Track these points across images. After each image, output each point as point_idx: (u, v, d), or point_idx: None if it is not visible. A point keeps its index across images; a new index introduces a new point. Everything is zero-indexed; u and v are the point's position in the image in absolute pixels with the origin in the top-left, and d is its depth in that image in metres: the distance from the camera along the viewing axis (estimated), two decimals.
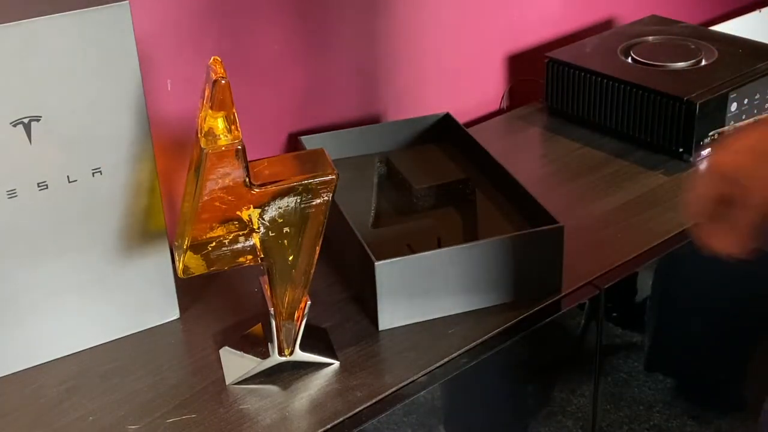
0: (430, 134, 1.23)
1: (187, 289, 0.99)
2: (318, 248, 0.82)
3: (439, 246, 0.98)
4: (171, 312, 0.98)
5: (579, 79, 1.33)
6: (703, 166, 0.68)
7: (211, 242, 0.79)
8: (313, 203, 0.78)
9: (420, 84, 1.38)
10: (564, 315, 0.99)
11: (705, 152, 1.25)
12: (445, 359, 0.91)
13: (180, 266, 0.80)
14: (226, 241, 0.79)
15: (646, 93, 1.26)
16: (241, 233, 0.79)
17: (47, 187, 0.85)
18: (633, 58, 1.35)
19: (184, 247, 0.79)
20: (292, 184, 0.77)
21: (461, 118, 1.28)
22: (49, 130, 0.83)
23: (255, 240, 0.80)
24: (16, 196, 0.84)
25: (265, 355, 0.89)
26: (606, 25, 1.59)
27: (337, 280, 1.03)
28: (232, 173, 0.74)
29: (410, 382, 0.88)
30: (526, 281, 0.97)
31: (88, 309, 0.93)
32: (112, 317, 0.94)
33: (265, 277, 0.85)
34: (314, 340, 0.91)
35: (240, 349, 0.92)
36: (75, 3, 0.81)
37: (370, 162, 1.19)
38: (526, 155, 1.34)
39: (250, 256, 0.81)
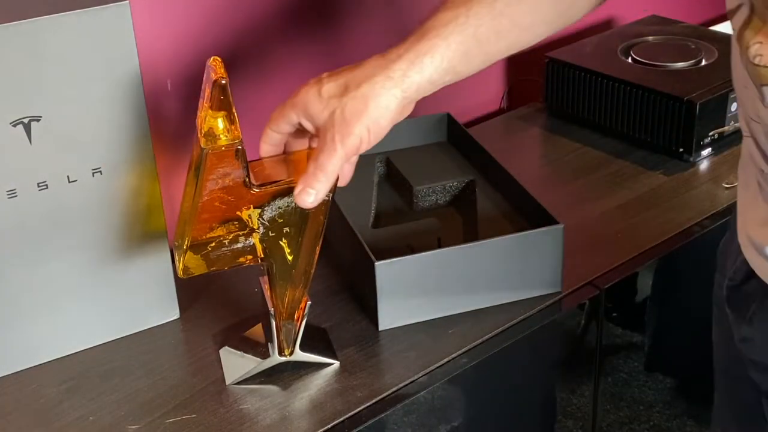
0: (430, 134, 1.23)
1: (187, 289, 0.99)
2: (318, 248, 0.82)
3: (439, 246, 0.98)
4: (171, 312, 0.98)
5: (579, 79, 1.33)
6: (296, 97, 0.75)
7: (211, 242, 0.78)
8: None
9: None
10: (564, 315, 0.99)
11: (705, 152, 1.25)
12: (445, 359, 0.91)
13: (180, 266, 0.80)
14: (226, 241, 0.79)
15: (646, 93, 1.26)
16: (241, 233, 0.79)
17: (47, 187, 0.85)
18: (633, 58, 1.35)
19: (184, 247, 0.78)
20: (292, 184, 0.77)
21: (461, 118, 1.28)
22: (49, 130, 0.83)
23: (255, 240, 0.80)
24: (16, 196, 0.84)
25: (265, 355, 0.89)
26: (606, 25, 1.59)
27: (337, 280, 1.03)
28: (232, 173, 0.74)
29: (410, 382, 0.88)
30: (526, 281, 0.97)
31: (88, 309, 0.92)
32: (112, 317, 0.94)
33: (265, 277, 0.85)
34: (314, 340, 0.91)
35: (240, 349, 0.92)
36: (75, 3, 0.81)
37: (370, 162, 1.19)
38: (526, 155, 1.34)
39: (250, 256, 0.81)
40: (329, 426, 0.83)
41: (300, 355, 0.89)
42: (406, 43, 0.74)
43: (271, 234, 0.79)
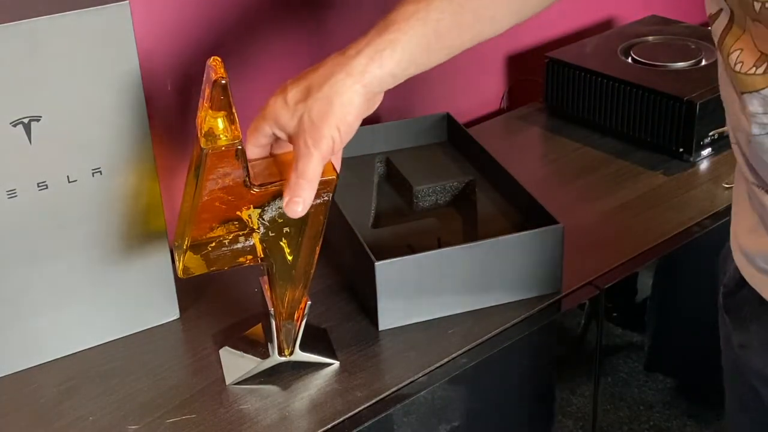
0: (430, 134, 1.23)
1: (187, 289, 0.99)
2: (318, 248, 0.82)
3: (439, 246, 0.98)
4: (171, 312, 0.98)
5: (579, 79, 1.33)
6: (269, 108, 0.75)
7: (211, 242, 0.78)
8: (313, 203, 0.78)
9: (420, 84, 1.38)
10: (564, 315, 0.99)
11: (705, 152, 1.25)
12: (445, 359, 0.91)
13: (180, 266, 0.80)
14: (226, 241, 0.79)
15: (646, 93, 1.26)
16: (241, 233, 0.79)
17: (47, 187, 0.85)
18: (633, 58, 1.35)
19: (184, 247, 0.78)
20: None
21: (461, 118, 1.28)
22: (49, 130, 0.83)
23: (255, 240, 0.79)
24: (16, 196, 0.84)
25: (264, 355, 0.89)
26: (606, 25, 1.59)
27: (337, 280, 1.03)
28: (231, 173, 0.74)
29: (410, 382, 0.88)
30: (526, 281, 0.97)
31: (88, 309, 0.92)
32: (112, 317, 0.94)
33: (265, 278, 0.85)
34: (314, 340, 0.91)
35: (240, 350, 0.92)
36: (75, 3, 0.81)
37: (370, 162, 1.19)
38: (526, 155, 1.34)
39: (250, 256, 0.81)
40: (329, 426, 0.83)
41: (300, 356, 0.89)
42: (366, 37, 0.73)
43: (271, 234, 0.79)
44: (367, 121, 1.36)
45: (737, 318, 0.79)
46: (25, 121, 0.82)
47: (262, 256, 0.81)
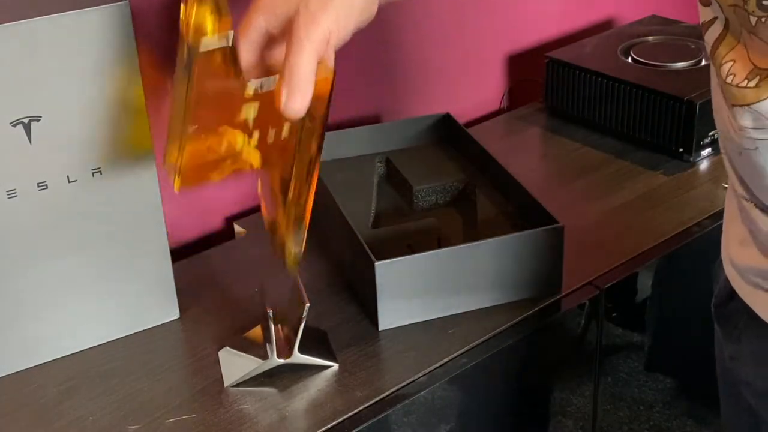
0: (430, 134, 1.23)
1: (187, 289, 0.99)
2: (318, 158, 0.75)
3: (439, 246, 0.98)
4: (171, 312, 0.98)
5: (579, 79, 1.33)
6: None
7: (206, 151, 0.72)
8: (310, 105, 0.68)
9: (420, 84, 1.38)
10: (564, 315, 0.99)
11: (705, 152, 1.25)
12: (445, 359, 0.91)
13: (176, 182, 0.73)
14: (222, 149, 0.72)
15: (646, 93, 1.26)
16: (236, 138, 0.72)
17: (47, 187, 0.85)
18: (633, 58, 1.35)
19: (178, 159, 0.72)
20: None
21: (461, 118, 1.28)
22: (49, 130, 0.83)
23: (252, 147, 0.73)
24: (16, 196, 0.84)
25: (264, 357, 0.89)
26: (606, 25, 1.59)
27: (337, 280, 1.03)
28: (224, 73, 0.68)
29: (410, 382, 0.88)
30: (526, 281, 0.97)
31: (88, 309, 0.92)
32: (112, 317, 0.94)
33: (266, 279, 0.84)
34: (314, 342, 0.91)
35: (239, 351, 0.92)
36: (75, 3, 0.81)
37: (370, 162, 1.19)
38: (526, 155, 1.34)
39: (246, 164, 0.74)
40: (329, 426, 0.83)
41: (299, 358, 0.89)
42: None
43: (268, 139, 0.73)
44: (367, 121, 1.37)
45: (727, 329, 0.78)
46: (25, 121, 0.82)
47: (259, 165, 0.74)
